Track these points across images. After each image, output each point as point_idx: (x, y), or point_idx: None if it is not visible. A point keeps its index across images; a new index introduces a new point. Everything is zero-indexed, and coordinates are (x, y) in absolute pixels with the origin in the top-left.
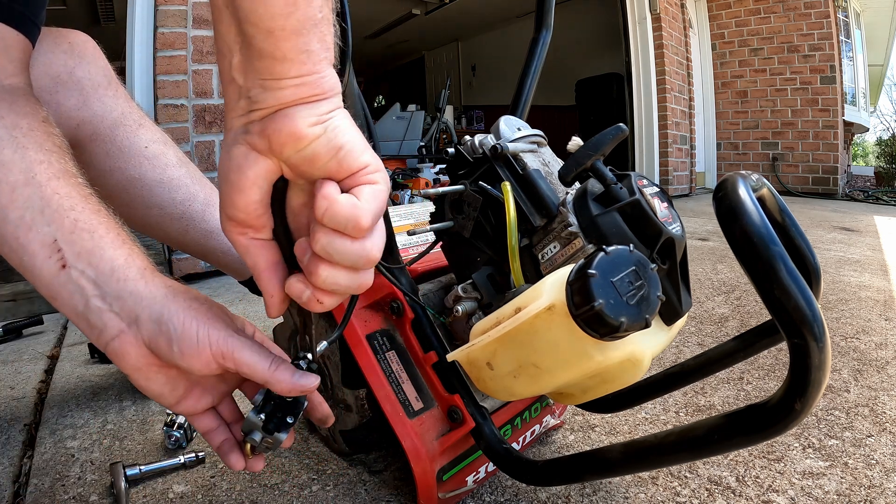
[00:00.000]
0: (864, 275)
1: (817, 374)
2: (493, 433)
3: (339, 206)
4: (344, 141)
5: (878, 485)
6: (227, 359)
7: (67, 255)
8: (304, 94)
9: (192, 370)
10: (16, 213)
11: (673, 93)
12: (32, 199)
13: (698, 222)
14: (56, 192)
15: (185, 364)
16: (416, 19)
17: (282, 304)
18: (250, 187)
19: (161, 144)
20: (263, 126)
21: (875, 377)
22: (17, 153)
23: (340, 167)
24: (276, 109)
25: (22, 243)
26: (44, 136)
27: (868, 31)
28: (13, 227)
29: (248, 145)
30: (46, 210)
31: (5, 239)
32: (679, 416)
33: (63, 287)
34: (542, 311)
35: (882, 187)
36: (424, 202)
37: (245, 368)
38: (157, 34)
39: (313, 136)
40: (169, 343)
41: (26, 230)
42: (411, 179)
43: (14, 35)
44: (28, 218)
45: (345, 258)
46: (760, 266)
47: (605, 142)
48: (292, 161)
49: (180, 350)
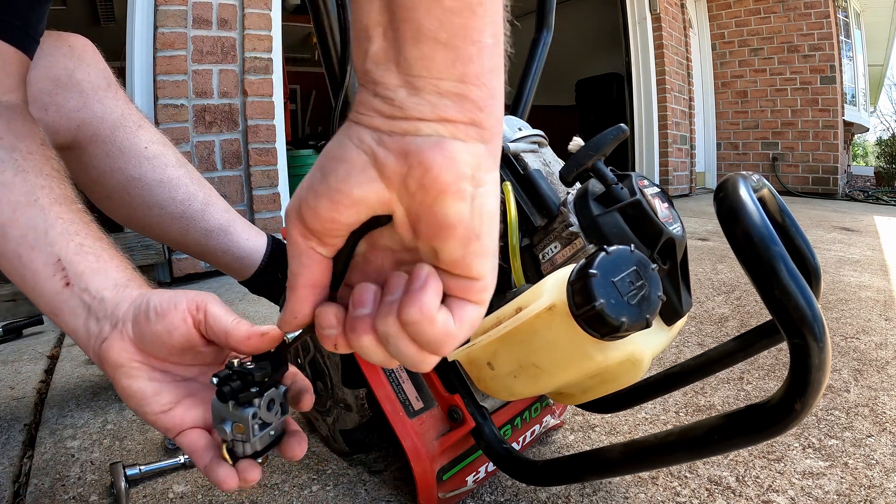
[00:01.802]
0: (864, 275)
1: (817, 374)
2: (493, 433)
3: (432, 326)
4: (482, 231)
5: (878, 485)
6: (200, 309)
7: (71, 275)
8: (467, 114)
9: (171, 329)
10: (18, 232)
11: (673, 93)
12: (35, 220)
13: (698, 222)
14: (59, 216)
15: (161, 326)
16: None
17: (302, 325)
18: (348, 207)
19: (160, 145)
20: (405, 147)
21: (875, 377)
22: (17, 176)
23: (458, 263)
24: (430, 133)
25: (24, 262)
26: (43, 160)
27: (868, 31)
28: (15, 244)
29: (373, 157)
30: (51, 232)
31: (5, 256)
32: (679, 416)
33: (65, 303)
34: (543, 310)
35: (882, 187)
36: None
37: (211, 319)
38: (157, 34)
39: (459, 198)
40: (146, 313)
41: (28, 249)
42: None
43: (11, 51)
44: (31, 238)
45: (399, 354)
46: (760, 266)
47: (605, 142)
48: (415, 211)
49: (157, 313)
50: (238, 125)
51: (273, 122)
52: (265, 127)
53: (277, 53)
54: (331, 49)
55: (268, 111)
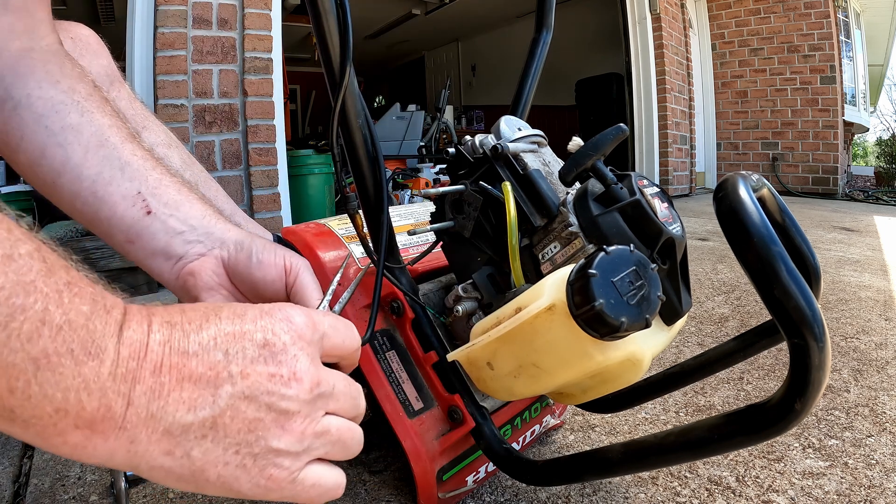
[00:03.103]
0: (864, 275)
1: (817, 374)
2: (493, 433)
3: None
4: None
5: (878, 485)
6: (292, 273)
7: (153, 204)
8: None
9: (266, 280)
10: (92, 171)
11: (673, 93)
12: (110, 158)
13: (698, 222)
14: (133, 154)
15: (260, 274)
16: (416, 19)
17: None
18: None
19: (164, 147)
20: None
21: (875, 377)
22: (83, 117)
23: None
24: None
25: (100, 197)
26: (101, 101)
27: (868, 31)
28: (90, 183)
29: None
30: (127, 169)
31: (80, 196)
32: (679, 416)
33: (146, 229)
34: (543, 310)
35: (882, 187)
36: (424, 202)
37: (299, 287)
38: (157, 34)
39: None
40: (249, 257)
41: (105, 185)
42: (411, 179)
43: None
44: (107, 175)
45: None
46: (760, 266)
47: (605, 142)
48: None
49: (259, 260)
50: (238, 125)
51: (273, 122)
52: (265, 127)
53: (277, 53)
54: (331, 49)
55: (268, 111)
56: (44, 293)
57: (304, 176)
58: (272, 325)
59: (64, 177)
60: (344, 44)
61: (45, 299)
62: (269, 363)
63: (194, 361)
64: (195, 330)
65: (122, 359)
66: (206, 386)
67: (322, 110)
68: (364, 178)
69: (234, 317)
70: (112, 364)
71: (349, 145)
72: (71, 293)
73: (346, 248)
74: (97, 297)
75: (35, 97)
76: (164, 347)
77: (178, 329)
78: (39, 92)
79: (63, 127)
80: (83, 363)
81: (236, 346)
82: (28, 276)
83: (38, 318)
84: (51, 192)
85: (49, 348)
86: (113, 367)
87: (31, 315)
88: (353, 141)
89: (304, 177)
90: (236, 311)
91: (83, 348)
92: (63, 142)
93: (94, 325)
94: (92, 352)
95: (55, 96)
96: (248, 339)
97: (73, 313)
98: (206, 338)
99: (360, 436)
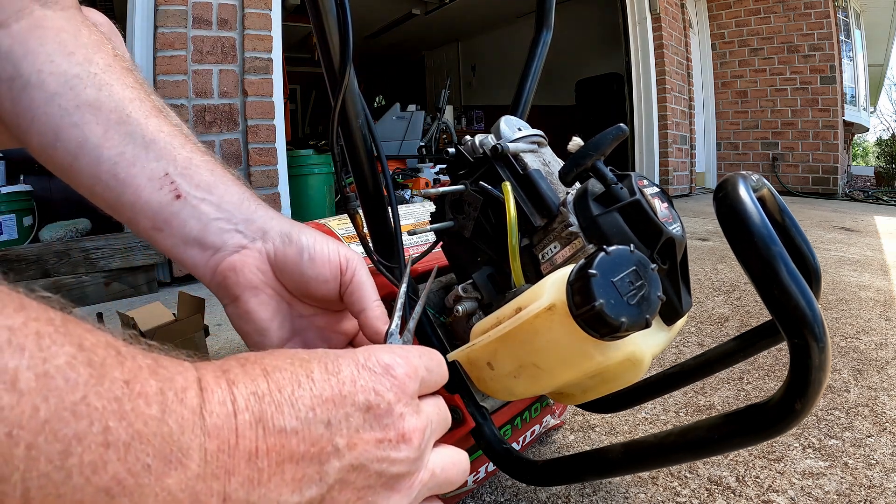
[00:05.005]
0: (864, 275)
1: (817, 374)
2: (493, 433)
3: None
4: None
5: (878, 485)
6: (348, 271)
7: (183, 186)
8: None
9: (319, 279)
10: (112, 152)
11: (673, 93)
12: (133, 135)
13: (698, 222)
14: (160, 130)
15: (312, 272)
16: (416, 19)
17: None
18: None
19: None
20: None
21: (875, 377)
22: (101, 91)
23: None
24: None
25: (122, 179)
26: (122, 72)
27: (868, 31)
28: (110, 165)
29: None
30: (153, 147)
31: (99, 180)
32: (679, 416)
33: (175, 215)
34: (543, 310)
35: (882, 187)
36: (424, 202)
37: (355, 287)
38: (157, 34)
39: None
40: (299, 252)
41: (128, 166)
42: (411, 179)
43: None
44: (129, 155)
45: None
46: (760, 266)
47: (605, 142)
48: None
49: (311, 256)
50: (238, 125)
51: (273, 122)
52: (265, 127)
53: (277, 53)
54: (331, 49)
55: (268, 111)
56: (99, 410)
57: (304, 176)
58: (373, 383)
59: (81, 160)
60: (344, 44)
61: (101, 417)
62: (376, 429)
63: (294, 440)
64: (288, 401)
65: (211, 455)
66: (311, 463)
67: (322, 110)
68: (364, 178)
69: (328, 375)
70: (199, 464)
71: (349, 145)
72: (133, 395)
73: (347, 248)
74: (164, 385)
75: (46, 73)
76: (256, 430)
77: (269, 402)
78: (51, 67)
79: (78, 105)
80: (165, 475)
81: (338, 414)
82: (75, 395)
83: (100, 443)
84: (68, 176)
85: (120, 473)
86: (201, 467)
87: (90, 441)
88: (353, 141)
89: (304, 177)
90: (328, 368)
91: (162, 459)
92: (79, 121)
93: (170, 426)
94: (173, 460)
95: (69, 70)
96: (349, 405)
97: (140, 422)
98: (303, 409)
99: (465, 466)
